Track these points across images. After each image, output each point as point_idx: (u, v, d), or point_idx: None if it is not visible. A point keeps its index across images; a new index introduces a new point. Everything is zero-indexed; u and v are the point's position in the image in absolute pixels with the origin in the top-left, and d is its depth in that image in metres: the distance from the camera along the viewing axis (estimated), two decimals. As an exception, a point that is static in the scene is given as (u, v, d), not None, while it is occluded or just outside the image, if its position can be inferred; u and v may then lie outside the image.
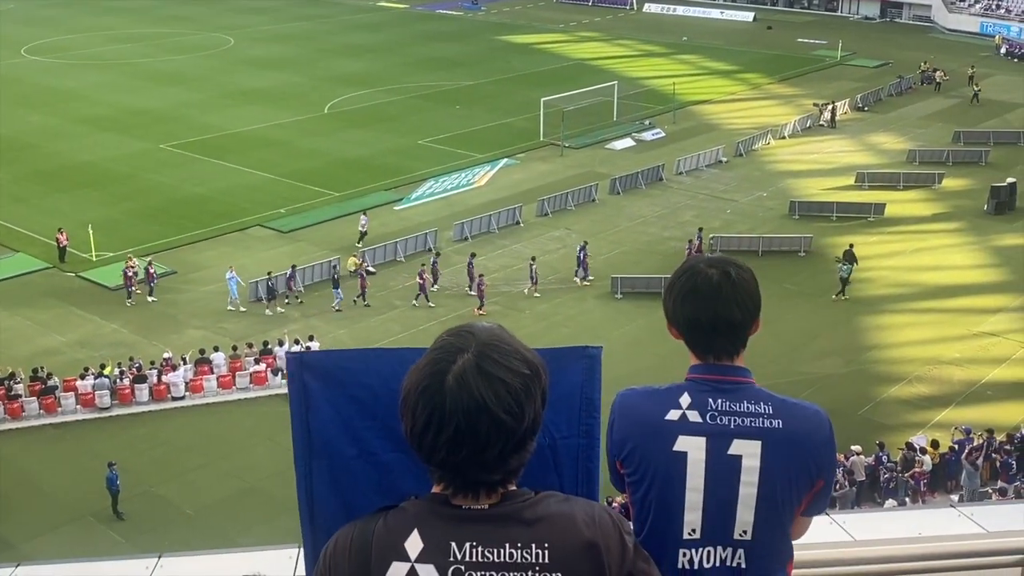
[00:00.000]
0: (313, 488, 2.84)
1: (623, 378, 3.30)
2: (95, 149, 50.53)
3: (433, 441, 2.24)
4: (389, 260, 37.13)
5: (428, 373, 2.26)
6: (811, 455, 2.92)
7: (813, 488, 2.96)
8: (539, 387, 2.28)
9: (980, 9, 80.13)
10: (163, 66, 69.33)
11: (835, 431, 2.99)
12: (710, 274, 2.94)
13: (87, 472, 25.06)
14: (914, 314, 33.47)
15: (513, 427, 2.22)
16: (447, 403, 2.21)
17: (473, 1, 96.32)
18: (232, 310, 33.85)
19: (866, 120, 55.76)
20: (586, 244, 36.46)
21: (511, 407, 2.21)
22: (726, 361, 2.98)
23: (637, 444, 2.96)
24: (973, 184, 44.45)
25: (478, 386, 2.20)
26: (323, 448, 2.83)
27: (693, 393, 2.95)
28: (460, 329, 2.33)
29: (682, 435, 2.90)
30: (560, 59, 71.58)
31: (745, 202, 43.51)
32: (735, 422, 2.89)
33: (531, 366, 2.28)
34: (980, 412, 27.21)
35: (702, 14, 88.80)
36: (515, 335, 2.36)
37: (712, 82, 64.80)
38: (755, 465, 2.87)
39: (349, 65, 69.32)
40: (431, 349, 2.32)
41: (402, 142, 51.77)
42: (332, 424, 2.82)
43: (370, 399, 2.79)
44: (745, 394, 2.94)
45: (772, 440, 2.88)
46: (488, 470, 2.27)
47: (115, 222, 40.81)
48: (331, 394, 2.82)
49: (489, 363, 2.23)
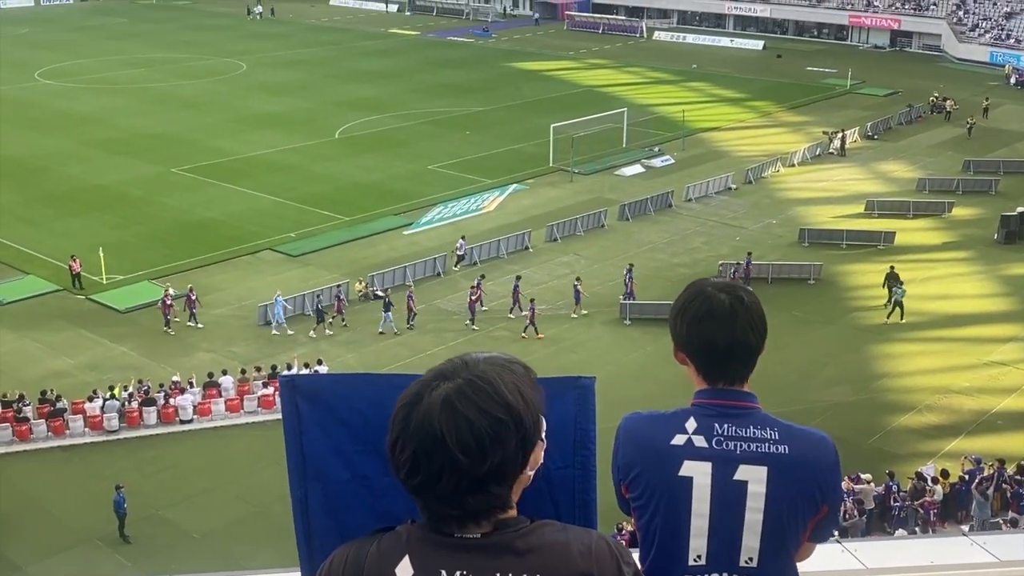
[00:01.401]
0: (309, 512, 2.83)
1: (632, 404, 3.29)
2: (107, 172, 50.82)
3: (398, 457, 2.24)
4: (398, 284, 37.16)
5: (412, 393, 2.26)
6: (816, 481, 2.90)
7: (818, 514, 2.94)
8: (515, 434, 2.21)
9: (990, 39, 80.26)
10: (176, 90, 69.82)
11: (844, 460, 2.98)
12: (722, 298, 2.93)
13: (94, 495, 25.04)
14: (924, 343, 33.35)
15: (468, 467, 2.17)
16: (411, 426, 2.20)
17: (484, 28, 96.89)
18: (278, 334, 33.75)
19: (876, 148, 55.80)
20: (632, 267, 36.56)
21: (468, 446, 2.16)
22: (737, 386, 2.98)
23: (643, 469, 2.94)
24: (983, 213, 44.39)
25: (440, 418, 2.18)
26: (317, 472, 2.82)
27: (699, 418, 2.94)
28: (459, 357, 2.32)
29: (688, 460, 2.89)
30: (570, 86, 71.87)
31: (754, 229, 43.51)
32: (741, 447, 2.88)
33: (511, 411, 2.21)
34: (990, 442, 27.06)
35: (712, 42, 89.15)
36: (527, 376, 2.30)
37: (721, 109, 64.97)
38: (761, 491, 2.86)
39: (360, 91, 69.70)
40: (429, 370, 2.31)
41: (412, 167, 51.96)
42: (325, 448, 2.81)
43: (362, 424, 2.78)
44: (751, 419, 2.93)
45: (778, 466, 2.86)
46: (443, 503, 2.24)
47: (126, 245, 40.98)
48: (323, 418, 2.81)
49: (461, 398, 2.19)
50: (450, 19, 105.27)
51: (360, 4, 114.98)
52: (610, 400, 2.96)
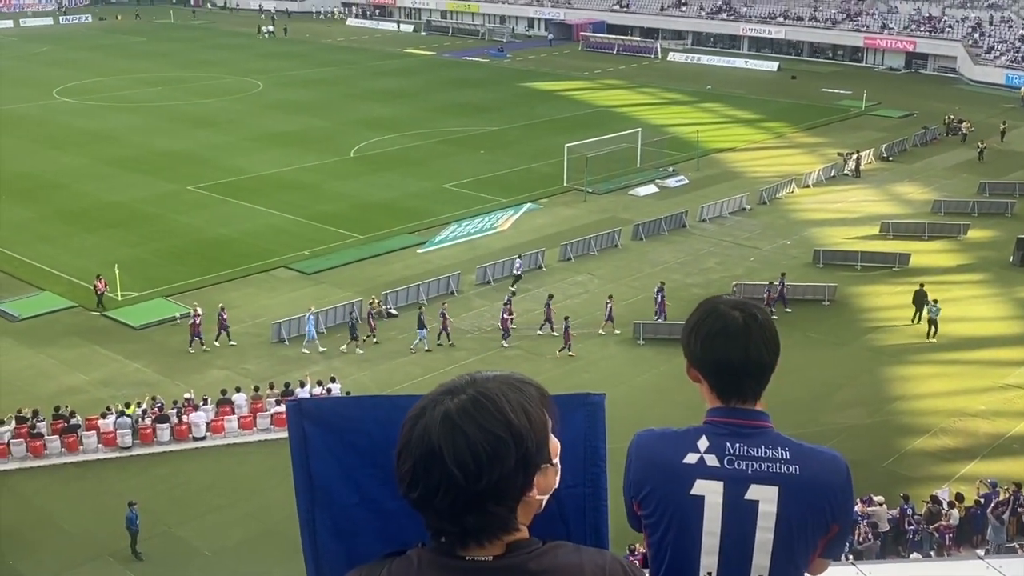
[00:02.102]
0: (317, 536, 2.82)
1: (645, 425, 3.28)
2: (123, 190, 51.13)
3: (399, 469, 2.23)
4: (411, 303, 37.21)
5: (419, 407, 2.25)
6: (827, 500, 2.90)
7: (829, 533, 2.95)
8: (515, 453, 2.18)
9: (1006, 61, 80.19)
10: (192, 109, 70.29)
11: (858, 482, 2.98)
12: (736, 316, 2.94)
13: (107, 511, 25.07)
14: (939, 365, 33.17)
15: (463, 484, 2.15)
16: (413, 439, 2.20)
17: (499, 48, 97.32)
18: (308, 352, 33.81)
19: (891, 170, 55.70)
20: (663, 286, 36.68)
21: (465, 463, 2.14)
22: (749, 404, 2.97)
23: (654, 486, 2.95)
24: (998, 235, 44.22)
25: (439, 433, 2.17)
26: (325, 496, 2.81)
27: (711, 437, 2.94)
28: (468, 374, 2.31)
29: (699, 479, 2.89)
30: (584, 106, 72.06)
31: (769, 250, 43.43)
32: (752, 467, 2.89)
33: (512, 430, 2.18)
34: (1006, 466, 26.85)
35: (726, 63, 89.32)
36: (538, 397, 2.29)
37: (736, 130, 65.01)
38: (772, 511, 2.86)
39: (376, 110, 70.04)
40: (439, 385, 2.31)
41: (427, 186, 52.11)
42: (333, 472, 2.80)
43: (369, 446, 2.77)
44: (763, 439, 2.93)
45: (789, 486, 2.87)
46: (441, 519, 2.22)
47: (141, 262, 41.18)
48: (330, 442, 2.80)
49: (462, 415, 2.18)
50: (465, 39, 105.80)
51: (376, 24, 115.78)
52: (623, 420, 2.95)
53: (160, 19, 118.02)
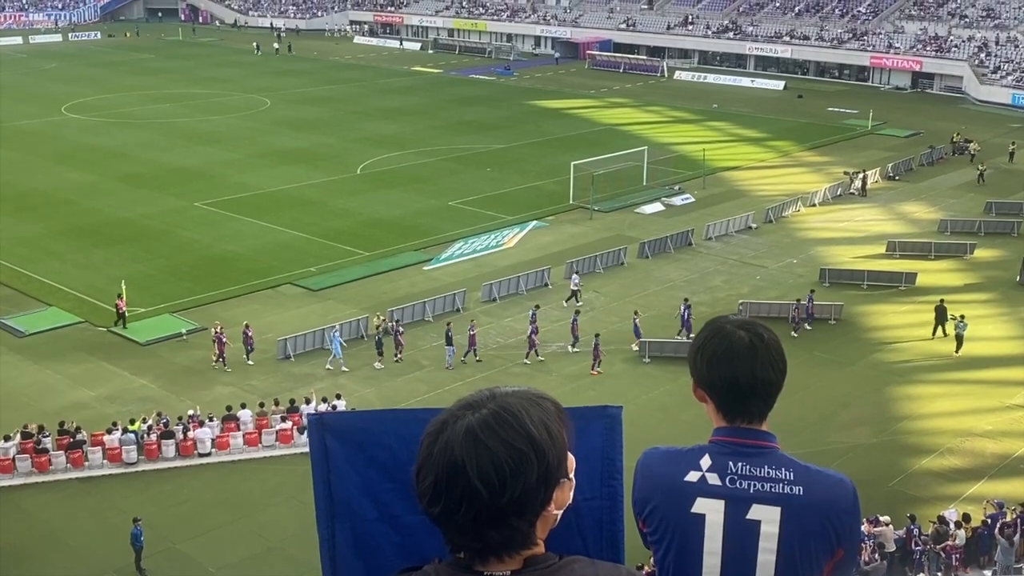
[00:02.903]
0: (336, 551, 2.83)
1: (651, 443, 3.28)
2: (131, 206, 51.30)
3: (420, 484, 2.24)
4: (417, 320, 37.23)
5: (439, 421, 2.27)
6: (832, 523, 2.88)
7: (834, 557, 2.92)
8: (537, 468, 2.20)
9: (1012, 81, 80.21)
10: (200, 126, 70.57)
11: (865, 502, 2.97)
12: (742, 336, 2.93)
13: (112, 527, 25.06)
14: (946, 385, 33.08)
15: (486, 499, 2.16)
16: (434, 454, 2.21)
17: (505, 67, 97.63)
18: (331, 369, 33.79)
19: (897, 189, 55.69)
20: (688, 301, 36.89)
21: (488, 478, 2.15)
22: (755, 424, 2.97)
23: (657, 504, 2.95)
24: (1005, 255, 44.16)
25: (462, 447, 2.18)
26: (345, 511, 2.82)
27: (714, 456, 2.94)
28: (488, 389, 2.33)
29: (700, 497, 2.89)
30: (590, 124, 72.20)
31: (775, 268, 43.41)
32: (755, 487, 2.88)
33: (534, 444, 2.20)
34: (1013, 486, 26.75)
35: (732, 82, 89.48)
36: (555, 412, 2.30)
37: (742, 149, 65.08)
38: (774, 531, 2.84)
39: (383, 127, 70.24)
40: (458, 400, 2.33)
41: (433, 203, 52.21)
42: (354, 486, 2.81)
43: (391, 461, 2.78)
44: (767, 459, 2.92)
45: (792, 507, 2.85)
46: (463, 534, 2.23)
47: (148, 278, 41.27)
48: (352, 456, 2.81)
49: (485, 429, 2.19)
50: (472, 57, 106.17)
51: (383, 42, 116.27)
52: (629, 439, 2.95)
53: (169, 36, 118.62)
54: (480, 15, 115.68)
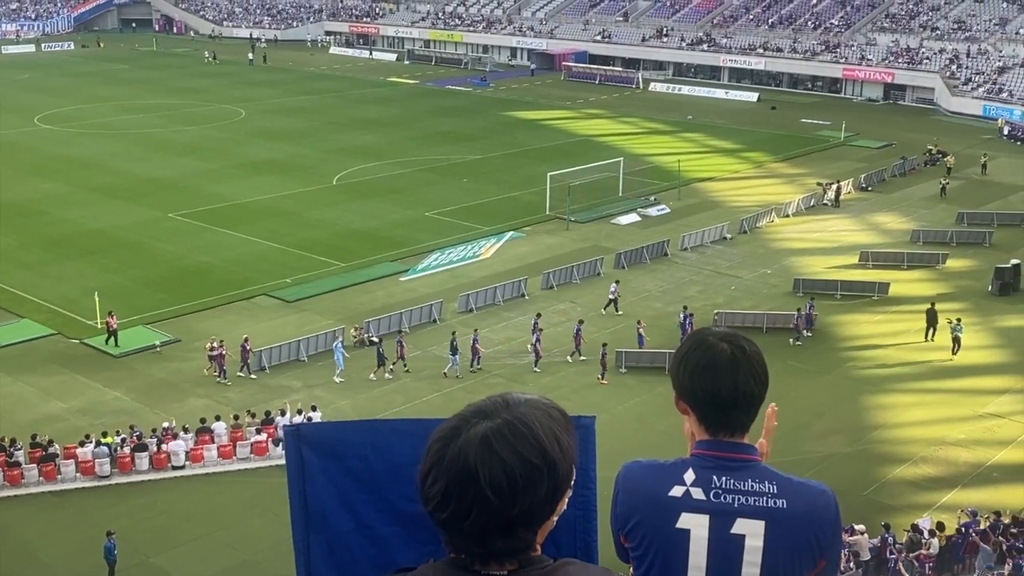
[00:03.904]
0: (311, 562, 2.82)
1: (628, 453, 3.30)
2: (104, 217, 50.96)
3: (429, 489, 2.24)
4: (394, 331, 37.15)
5: (450, 427, 2.27)
6: (815, 535, 2.89)
7: (816, 568, 2.93)
8: (548, 481, 2.22)
9: (983, 93, 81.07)
10: (174, 136, 70.24)
11: (840, 511, 2.97)
12: (724, 348, 2.93)
13: (85, 541, 24.82)
14: (919, 394, 33.32)
15: (497, 508, 2.18)
16: (446, 460, 2.21)
17: (482, 78, 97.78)
18: (339, 381, 33.62)
19: (870, 200, 56.12)
20: (687, 308, 37.43)
21: (501, 488, 2.17)
22: (736, 437, 2.96)
23: (641, 519, 2.94)
24: (977, 265, 44.58)
25: (476, 455, 2.18)
26: (320, 522, 2.81)
27: (697, 470, 2.93)
28: (501, 396, 2.33)
29: (685, 512, 2.88)
30: (567, 135, 72.39)
31: (749, 279, 43.63)
32: (739, 501, 2.88)
33: (546, 457, 2.21)
34: (986, 494, 26.96)
35: (707, 94, 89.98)
36: (565, 423, 2.31)
37: (716, 160, 65.43)
38: (758, 545, 2.84)
39: (359, 138, 70.16)
40: (468, 405, 2.32)
41: (409, 214, 52.17)
42: (329, 497, 2.81)
43: (367, 472, 2.78)
44: (750, 472, 2.92)
45: (776, 520, 2.85)
46: (469, 540, 2.24)
47: (122, 289, 40.98)
48: (328, 467, 2.80)
49: (499, 439, 2.20)
50: (448, 68, 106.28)
51: (359, 52, 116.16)
52: (606, 449, 2.95)
53: (143, 47, 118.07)
54: (456, 26, 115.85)
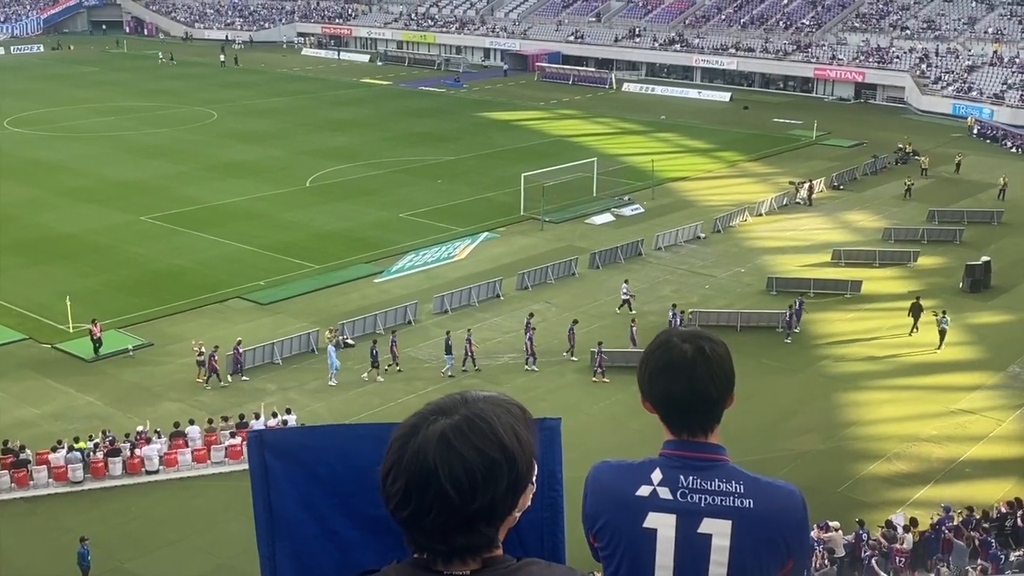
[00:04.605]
0: (277, 568, 2.81)
1: (603, 453, 3.30)
2: (76, 221, 50.56)
3: (389, 487, 2.23)
4: (368, 332, 37.05)
5: (409, 425, 2.26)
6: (782, 535, 2.89)
7: (784, 568, 2.93)
8: (508, 475, 2.22)
9: (952, 91, 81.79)
10: (146, 139, 69.77)
11: (814, 508, 2.99)
12: (684, 349, 2.91)
13: (58, 547, 24.61)
14: (891, 391, 33.56)
15: (457, 504, 2.17)
16: (406, 458, 2.21)
17: (455, 79, 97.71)
18: (334, 384, 33.52)
19: (842, 198, 56.50)
20: (676, 306, 37.80)
21: (460, 484, 2.16)
22: (700, 437, 2.96)
23: (608, 519, 2.94)
24: (948, 262, 44.98)
25: (435, 452, 2.18)
26: (286, 528, 2.80)
27: (665, 469, 2.93)
28: (460, 393, 2.34)
29: (652, 512, 2.88)
30: (540, 136, 72.45)
31: (723, 278, 43.82)
32: (706, 500, 2.88)
33: (505, 452, 2.21)
34: (959, 490, 27.18)
35: (680, 94, 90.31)
36: (523, 417, 2.32)
37: (690, 160, 65.67)
38: (725, 545, 2.85)
39: (332, 139, 69.94)
40: (426, 404, 2.32)
41: (383, 215, 52.05)
42: (294, 503, 2.79)
43: (331, 476, 2.76)
44: (717, 472, 2.92)
45: (742, 520, 2.86)
46: (430, 537, 2.24)
47: (94, 293, 40.66)
48: (292, 473, 2.79)
49: (458, 435, 2.20)
50: (422, 69, 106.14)
51: (331, 54, 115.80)
52: (581, 449, 2.96)
53: (113, 49, 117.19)
54: (429, 27, 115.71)
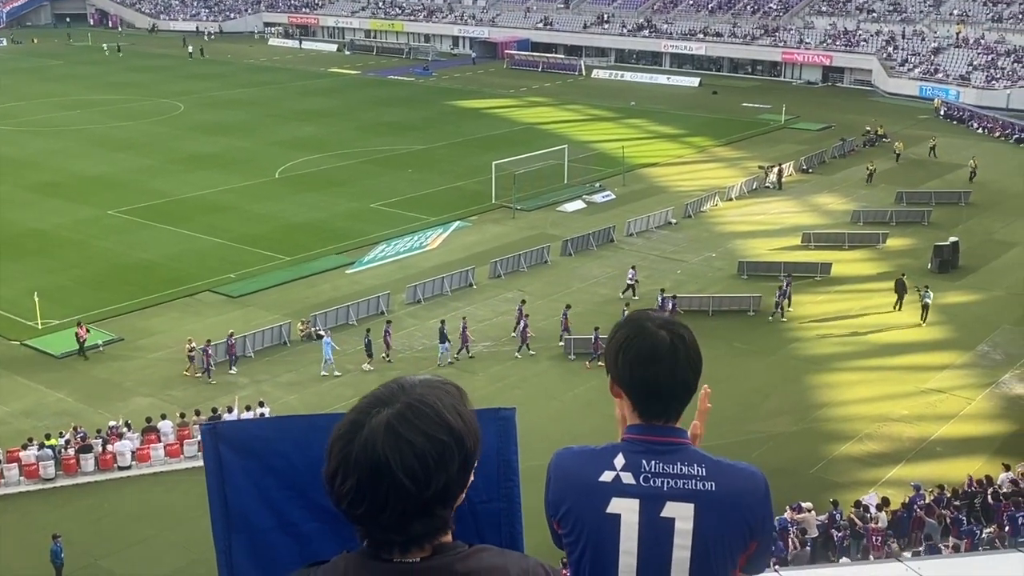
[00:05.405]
0: (233, 562, 2.78)
1: (578, 439, 3.30)
2: (43, 216, 50.02)
3: (339, 488, 2.20)
4: (341, 324, 36.92)
5: (349, 421, 2.23)
6: (744, 517, 2.89)
7: (748, 550, 2.93)
8: (458, 455, 2.20)
9: (919, 73, 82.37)
10: (112, 132, 69.10)
11: (787, 490, 3.02)
12: (663, 336, 2.89)
13: (31, 545, 24.41)
14: (862, 372, 33.84)
15: (414, 492, 2.16)
16: (353, 455, 2.18)
17: (424, 67, 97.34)
18: (326, 375, 33.39)
19: (811, 182, 56.81)
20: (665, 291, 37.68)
21: (414, 471, 2.15)
22: (672, 423, 2.95)
23: (572, 505, 2.92)
24: (916, 243, 45.36)
25: (384, 444, 2.16)
26: (241, 521, 2.77)
27: (627, 454, 2.91)
28: (395, 381, 2.30)
29: (615, 497, 2.87)
30: (510, 123, 72.36)
31: (695, 263, 43.99)
32: (668, 484, 2.87)
33: (453, 433, 2.20)
34: (930, 469, 27.47)
35: (649, 80, 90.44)
36: (462, 396, 2.31)
37: (660, 145, 65.80)
38: (688, 528, 2.84)
39: (300, 130, 69.54)
40: (362, 397, 2.29)
41: (354, 206, 51.85)
42: (250, 496, 2.76)
43: (287, 468, 2.74)
44: (680, 456, 2.91)
45: (705, 503, 2.85)
46: (388, 530, 2.21)
47: (62, 289, 40.29)
48: (247, 465, 2.76)
49: (403, 423, 2.18)
50: (390, 58, 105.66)
51: (298, 44, 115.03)
52: (555, 435, 2.96)
53: (79, 42, 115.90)
54: (397, 15, 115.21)
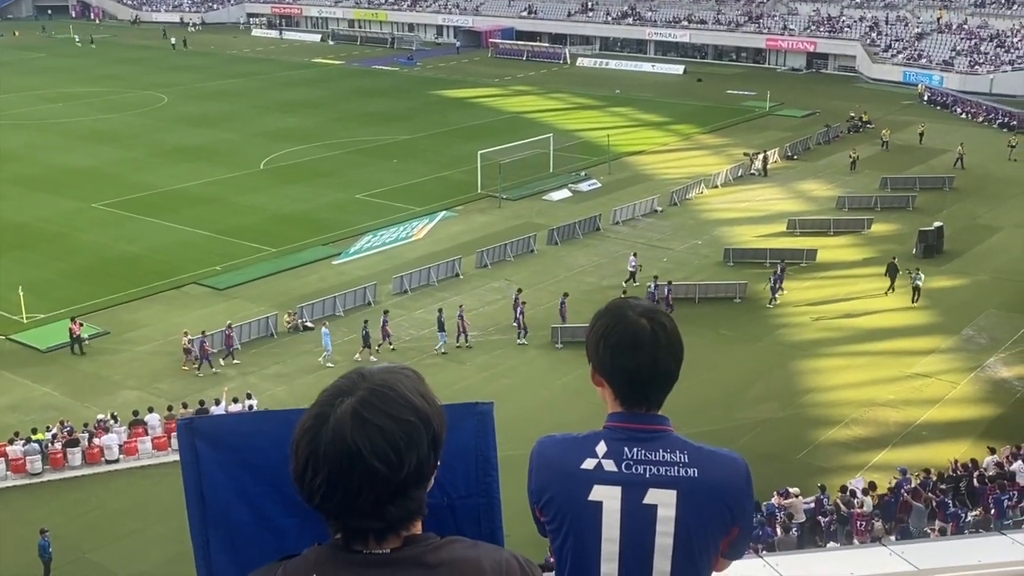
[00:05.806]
0: (211, 557, 2.78)
1: (566, 427, 3.30)
2: (26, 210, 49.75)
3: (310, 484, 2.20)
4: (328, 315, 36.87)
5: (312, 415, 2.23)
6: (726, 503, 2.90)
7: (729, 535, 2.95)
8: (426, 435, 2.22)
9: (903, 59, 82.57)
10: (96, 125, 68.74)
11: (775, 475, 3.05)
12: (644, 324, 2.90)
13: (18, 540, 24.33)
14: (848, 357, 33.96)
15: (387, 476, 2.16)
16: (322, 448, 2.17)
17: (408, 57, 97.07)
18: (330, 365, 33.24)
19: (796, 168, 56.92)
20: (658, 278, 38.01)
21: (386, 455, 2.15)
22: (654, 410, 2.96)
23: (554, 493, 2.93)
24: (901, 228, 45.52)
25: (353, 432, 2.15)
26: (218, 516, 2.76)
27: (609, 442, 2.92)
28: (353, 372, 2.30)
29: (597, 484, 2.87)
30: (495, 113, 72.25)
31: (681, 250, 44.05)
32: (650, 471, 2.87)
33: (419, 413, 2.21)
34: (916, 453, 27.61)
35: (634, 67, 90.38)
36: (421, 379, 2.32)
37: (645, 133, 65.81)
38: (670, 515, 2.85)
39: (284, 121, 69.30)
40: (323, 391, 2.28)
41: (340, 197, 51.72)
42: (226, 491, 2.76)
43: (263, 463, 2.73)
44: (661, 443, 2.92)
45: (687, 489, 2.86)
46: (364, 517, 2.21)
47: (47, 283, 40.11)
48: (224, 460, 2.76)
49: (369, 408, 2.18)
50: (374, 48, 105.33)
51: (282, 34, 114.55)
52: (545, 424, 2.97)
53: (59, 34, 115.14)
54: (380, 5, 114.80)
